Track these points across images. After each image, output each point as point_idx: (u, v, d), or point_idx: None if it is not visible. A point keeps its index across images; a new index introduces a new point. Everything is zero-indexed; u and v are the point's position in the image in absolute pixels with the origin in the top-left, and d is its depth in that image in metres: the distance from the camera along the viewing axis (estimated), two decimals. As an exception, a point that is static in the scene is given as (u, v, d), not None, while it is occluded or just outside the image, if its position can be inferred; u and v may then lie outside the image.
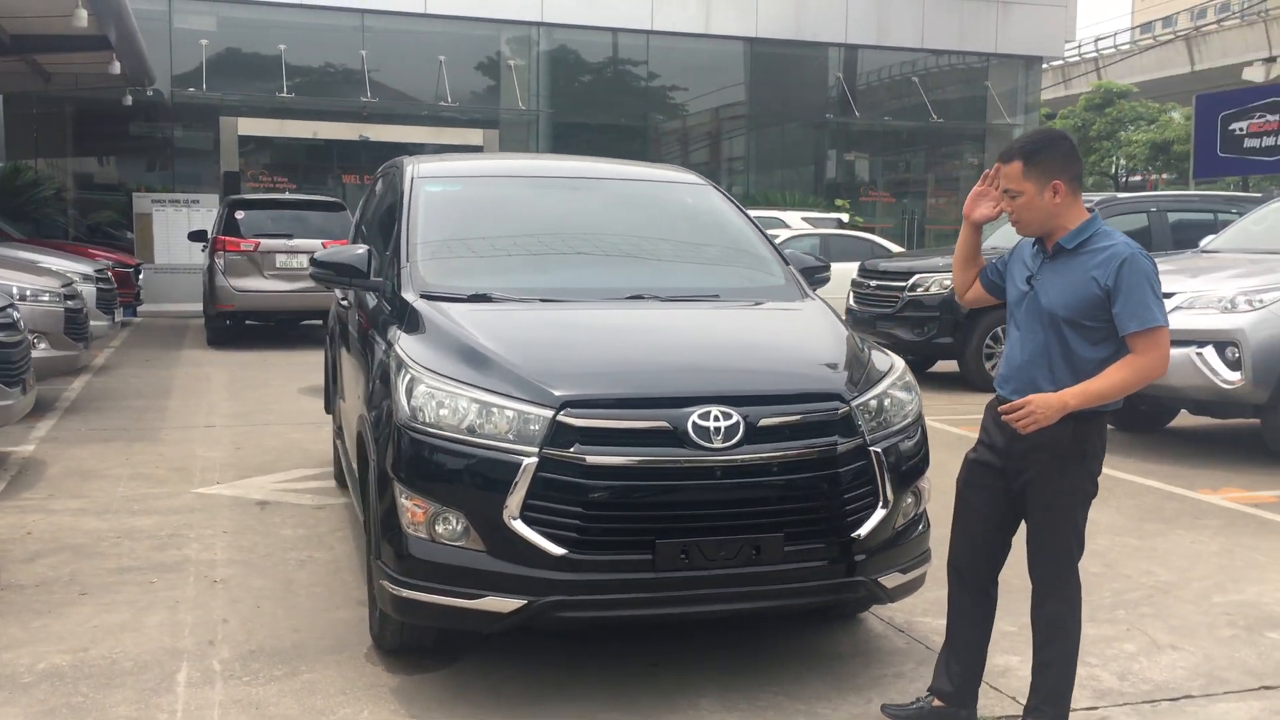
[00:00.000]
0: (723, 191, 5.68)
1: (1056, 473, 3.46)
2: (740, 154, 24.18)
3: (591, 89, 24.02)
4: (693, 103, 24.66)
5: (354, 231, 7.26)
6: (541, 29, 22.53)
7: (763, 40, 23.76)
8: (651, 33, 22.94)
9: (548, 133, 23.27)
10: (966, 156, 26.32)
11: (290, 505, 6.65)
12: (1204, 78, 52.23)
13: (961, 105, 25.72)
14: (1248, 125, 21.46)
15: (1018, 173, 3.49)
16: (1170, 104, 49.24)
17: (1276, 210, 9.74)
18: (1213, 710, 3.93)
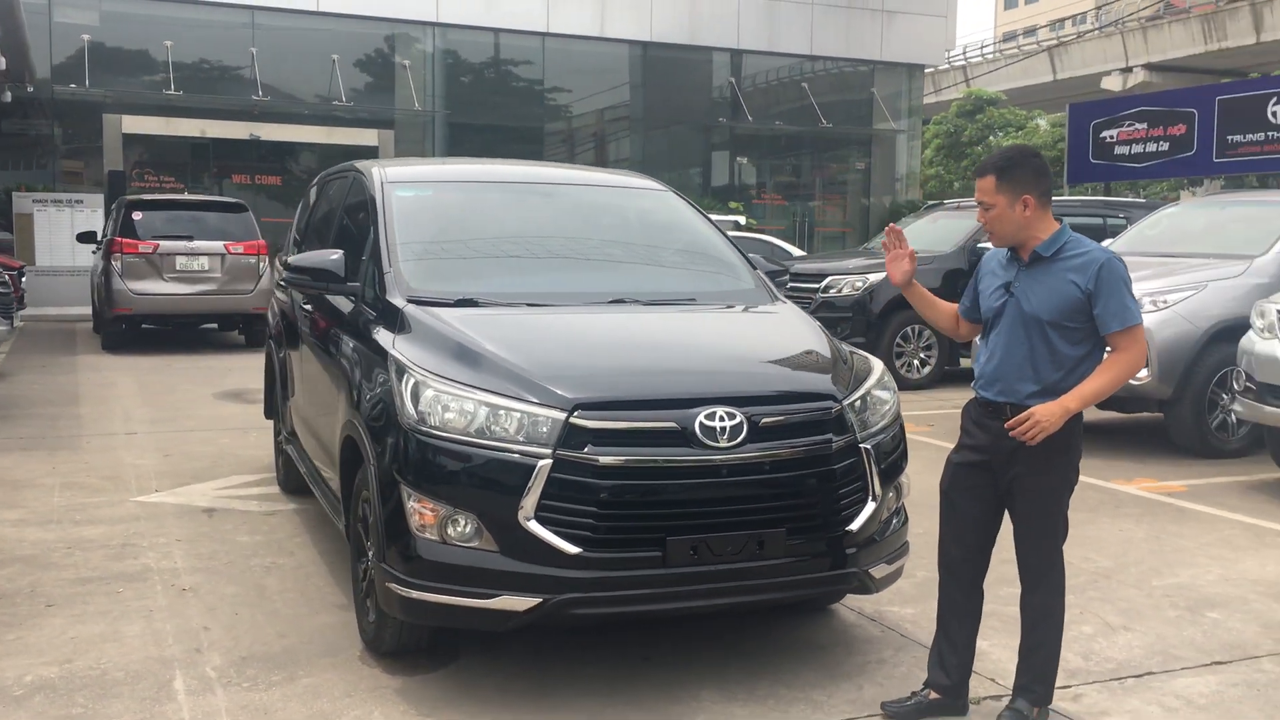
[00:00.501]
0: (683, 197, 5.83)
1: (1044, 466, 3.69)
2: (633, 156, 24.37)
3: (487, 90, 23.96)
4: (588, 104, 24.79)
5: (297, 235, 7.21)
6: (436, 29, 22.40)
7: (656, 44, 24.02)
8: (547, 35, 22.99)
9: (443, 133, 23.15)
10: (853, 161, 26.99)
11: (238, 512, 6.58)
12: (1065, 86, 54.41)
13: (848, 110, 26.37)
14: (1118, 133, 22.47)
15: (991, 186, 3.73)
16: (1036, 111, 51.18)
17: (1169, 216, 10.31)
18: (1175, 685, 4.23)
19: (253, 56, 21.13)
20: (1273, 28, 45.11)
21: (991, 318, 3.83)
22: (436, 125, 23.01)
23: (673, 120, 25.07)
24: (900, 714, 3.90)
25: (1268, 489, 7.46)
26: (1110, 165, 22.63)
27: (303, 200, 7.50)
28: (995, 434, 3.75)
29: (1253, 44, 45.77)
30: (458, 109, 23.28)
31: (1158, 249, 9.55)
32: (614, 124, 25.11)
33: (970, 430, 3.88)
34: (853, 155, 27.05)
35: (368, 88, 22.26)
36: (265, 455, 8.07)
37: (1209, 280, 8.49)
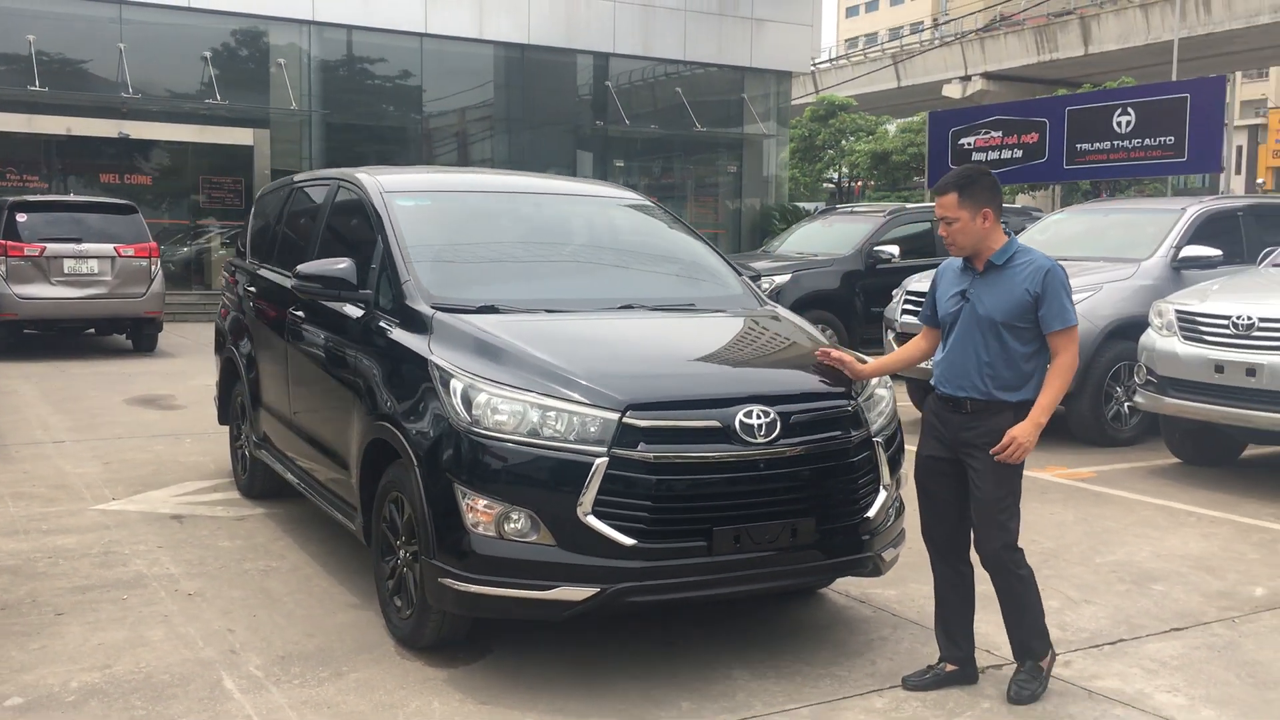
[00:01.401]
0: (664, 208, 6.13)
1: None
2: (511, 156, 24.47)
3: (365, 90, 23.72)
4: (466, 105, 24.76)
5: (257, 241, 7.23)
6: (313, 27, 22.08)
7: (534, 47, 24.16)
8: (425, 35, 22.89)
9: (320, 133, 22.84)
10: (724, 163, 27.63)
11: (208, 518, 6.60)
12: (910, 93, 56.64)
13: (720, 115, 26.97)
14: (975, 140, 23.59)
15: (954, 202, 4.16)
16: (885, 116, 52.97)
17: (1057, 222, 11.06)
18: (1146, 649, 4.71)
19: (121, 53, 20.48)
20: (1100, 40, 47.86)
21: (950, 322, 4.25)
22: (313, 125, 22.69)
23: (549, 121, 25.26)
24: (919, 685, 4.27)
25: (1166, 473, 8.16)
26: (969, 171, 23.73)
27: (259, 207, 7.51)
28: (954, 426, 4.20)
29: (1081, 55, 48.47)
30: (335, 108, 23.00)
31: (1050, 253, 10.21)
32: (491, 124, 25.16)
33: (932, 424, 4.31)
34: (724, 158, 27.70)
35: (242, 86, 21.79)
36: (209, 462, 8.05)
37: (1104, 282, 9.19)
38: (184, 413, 10.18)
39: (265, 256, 6.81)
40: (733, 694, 4.21)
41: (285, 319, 6.00)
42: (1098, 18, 48.77)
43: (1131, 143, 20.62)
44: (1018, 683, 4.15)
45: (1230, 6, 43.64)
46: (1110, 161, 21.14)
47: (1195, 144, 19.72)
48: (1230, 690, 4.30)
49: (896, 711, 4.10)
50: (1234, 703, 4.19)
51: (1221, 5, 43.86)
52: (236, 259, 7.53)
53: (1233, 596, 5.42)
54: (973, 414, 4.14)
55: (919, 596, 5.31)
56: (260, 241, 7.10)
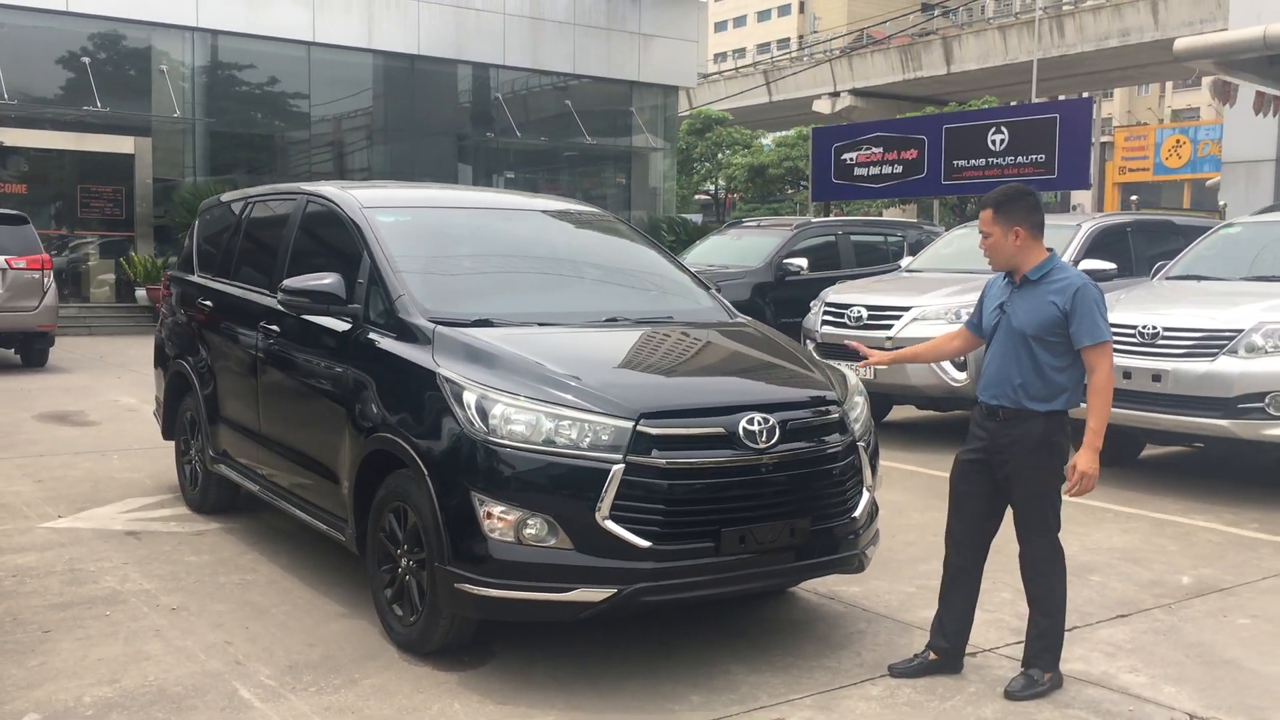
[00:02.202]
0: (627, 223, 6.34)
1: (1031, 463, 4.40)
2: (399, 166, 24.35)
3: (251, 98, 23.31)
4: (354, 114, 24.53)
5: (203, 255, 7.19)
6: (197, 34, 21.64)
7: (424, 57, 24.11)
8: (313, 44, 22.65)
9: (204, 141, 22.38)
10: (613, 175, 27.95)
11: (165, 534, 6.55)
12: (781, 107, 57.95)
13: (609, 127, 27.30)
14: (857, 156, 24.35)
15: (990, 218, 4.48)
16: (760, 130, 54.07)
17: (960, 236, 11.61)
18: (1100, 635, 5.10)
19: (-7, 57, 19.80)
20: (961, 60, 49.71)
21: (991, 333, 4.55)
22: (197, 133, 22.22)
23: (439, 131, 25.22)
24: (906, 672, 4.56)
25: (1076, 474, 8.67)
26: (851, 185, 24.49)
27: (204, 221, 7.47)
28: (991, 433, 4.47)
29: (944, 74, 50.28)
30: (219, 116, 22.57)
31: (957, 266, 10.77)
32: (379, 133, 24.98)
33: (974, 430, 4.59)
34: (612, 170, 28.03)
35: (123, 93, 21.21)
36: (146, 478, 7.96)
37: (1012, 294, 9.70)
38: (101, 429, 9.97)
39: (221, 271, 6.79)
40: (736, 687, 4.44)
41: (255, 333, 6.01)
42: (959, 38, 50.69)
43: (1005, 160, 21.53)
44: (1020, 680, 4.42)
45: (1082, 30, 45.81)
46: (986, 177, 22.03)
47: (1064, 161, 20.71)
48: (1184, 669, 4.70)
49: (892, 698, 4.38)
50: (1189, 680, 4.58)
51: (1074, 29, 46.02)
52: (180, 272, 7.47)
53: (1163, 585, 5.87)
54: (1005, 421, 4.41)
55: (883, 592, 5.64)
56: (211, 255, 7.06)
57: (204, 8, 21.39)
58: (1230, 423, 7.62)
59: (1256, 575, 6.06)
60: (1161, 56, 46.21)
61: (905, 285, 10.35)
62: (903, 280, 10.72)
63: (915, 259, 11.52)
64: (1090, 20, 45.77)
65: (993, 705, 4.32)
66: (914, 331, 9.56)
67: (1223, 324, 7.79)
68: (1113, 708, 4.30)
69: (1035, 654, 4.51)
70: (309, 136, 24.00)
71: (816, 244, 12.85)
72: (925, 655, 4.63)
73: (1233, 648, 4.95)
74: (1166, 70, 54.45)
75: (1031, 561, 4.53)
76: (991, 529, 4.60)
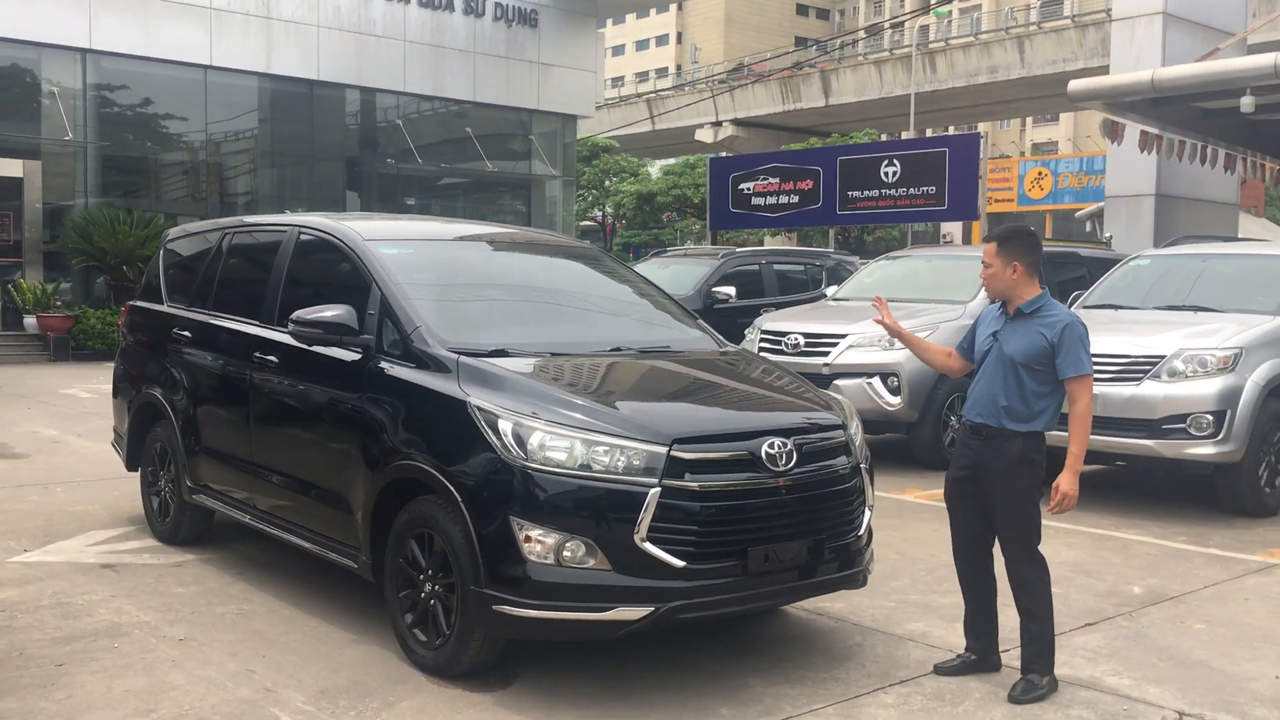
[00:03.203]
0: (610, 254, 6.54)
1: (1011, 477, 4.78)
2: (297, 192, 24.09)
3: (145, 121, 22.76)
4: (253, 139, 24.15)
5: (172, 285, 7.15)
6: (90, 56, 21.09)
7: (324, 83, 23.92)
8: (210, 68, 22.28)
9: (96, 165, 21.79)
10: (514, 203, 28.06)
11: (142, 566, 6.49)
12: (664, 136, 58.78)
13: (509, 155, 27.43)
14: (754, 185, 24.96)
15: (993, 251, 4.85)
16: (646, 159, 54.74)
17: (881, 267, 12.10)
18: (1076, 642, 5.46)
19: (-126, 75, 19.03)
20: (839, 93, 51.16)
21: (981, 357, 4.92)
22: (89, 156, 21.63)
23: (339, 157, 25.03)
24: (950, 671, 4.91)
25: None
26: (748, 214, 25.07)
27: (171, 252, 7.42)
28: (975, 450, 4.85)
29: (823, 106, 51.67)
30: (113, 140, 22.02)
31: (880, 294, 11.20)
32: (279, 158, 24.64)
33: (960, 450, 4.95)
34: (512, 197, 28.13)
35: (11, 116, 20.55)
36: (101, 510, 7.85)
37: (940, 322, 10.18)
38: (33, 461, 9.73)
39: (198, 301, 6.76)
40: (759, 699, 4.66)
41: (245, 363, 6.03)
42: (836, 72, 52.18)
43: (897, 191, 22.33)
44: (1024, 682, 4.73)
45: (953, 66, 47.59)
46: (879, 208, 22.84)
47: (954, 194, 21.57)
48: (1160, 671, 5.09)
49: (906, 705, 4.65)
50: (1169, 681, 4.96)
51: (945, 65, 47.79)
52: (145, 302, 7.40)
53: (1119, 595, 6.29)
54: (988, 439, 4.78)
55: (865, 608, 5.92)
56: (183, 286, 7.03)
57: (97, 30, 20.89)
58: (1155, 442, 8.15)
59: (1198, 584, 6.52)
60: (1026, 93, 48.57)
61: (837, 314, 10.76)
62: (833, 309, 11.13)
63: (840, 288, 11.96)
64: (961, 57, 47.60)
65: (1000, 709, 4.62)
66: (850, 358, 9.97)
67: (1146, 350, 8.34)
68: (1108, 708, 4.65)
69: (1031, 659, 4.83)
70: (205, 160, 23.56)
71: (742, 272, 13.23)
72: (968, 656, 4.98)
73: (1197, 650, 5.37)
74: (1030, 105, 57.03)
75: (1017, 571, 4.86)
76: (992, 537, 4.93)
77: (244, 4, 22.53)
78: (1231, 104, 14.65)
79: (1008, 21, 55.88)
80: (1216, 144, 16.73)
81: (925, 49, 48.82)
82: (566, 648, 5.05)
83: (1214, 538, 7.66)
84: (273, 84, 23.48)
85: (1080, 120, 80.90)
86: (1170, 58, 16.75)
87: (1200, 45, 17.29)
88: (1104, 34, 42.19)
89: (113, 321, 19.97)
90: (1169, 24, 17.24)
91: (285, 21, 23.16)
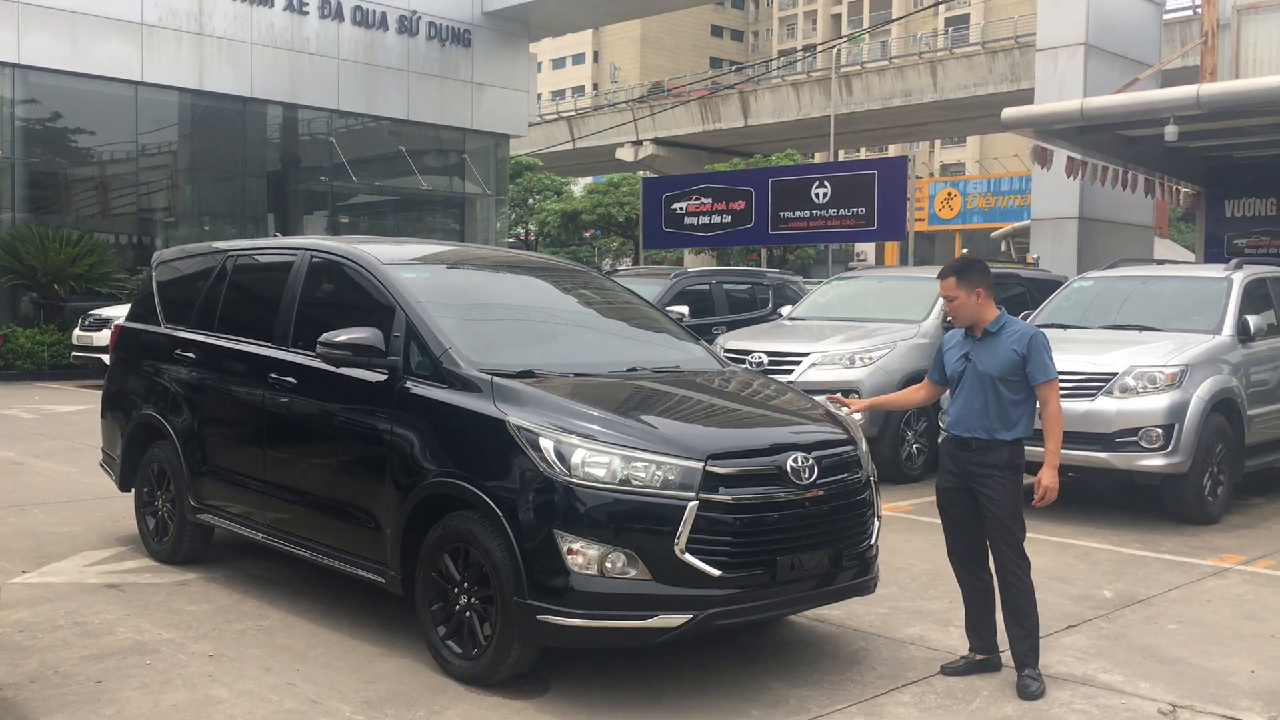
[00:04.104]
0: (607, 275, 6.78)
1: (1000, 482, 5.15)
2: (231, 210, 23.90)
3: (75, 137, 22.40)
4: (185, 156, 23.83)
5: (169, 307, 7.21)
6: (18, 71, 20.72)
7: (257, 100, 23.77)
8: (141, 84, 22.01)
9: (24, 180, 21.40)
10: (448, 221, 28.10)
11: (148, 585, 6.54)
12: (585, 154, 59.07)
13: (444, 174, 27.48)
14: (687, 205, 25.37)
15: (954, 284, 5.22)
16: (570, 177, 54.93)
17: (834, 287, 12.51)
18: (1064, 642, 5.82)
19: None
20: (758, 114, 51.94)
21: (956, 379, 5.28)
22: (15, 173, 21.22)
23: (273, 175, 24.87)
24: (956, 671, 5.23)
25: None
26: (681, 233, 25.47)
27: (167, 273, 7.47)
28: (964, 461, 5.22)
29: (742, 127, 52.40)
30: (41, 156, 21.65)
31: (836, 314, 11.64)
32: (211, 174, 24.39)
33: (946, 461, 5.30)
34: (448, 216, 28.17)
35: (-64, 130, 20.17)
36: (86, 531, 7.86)
37: (896, 340, 10.61)
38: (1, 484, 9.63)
39: (200, 324, 6.83)
40: (785, 701, 4.93)
41: (259, 384, 6.14)
42: (755, 93, 53.01)
43: (828, 212, 22.89)
44: (1024, 680, 5.07)
45: (869, 90, 48.64)
46: (810, 228, 23.40)
47: (883, 215, 22.18)
48: (1146, 668, 5.46)
49: (922, 703, 4.96)
50: (1155, 676, 5.34)
51: (861, 88, 48.81)
52: (140, 324, 7.43)
53: (1092, 599, 6.68)
54: (977, 450, 5.13)
55: (860, 615, 6.21)
56: (183, 308, 7.08)
57: (26, 44, 20.56)
58: (1109, 455, 8.62)
59: (1162, 588, 6.95)
60: (939, 116, 49.86)
61: (797, 333, 11.11)
62: (791, 328, 11.48)
63: (795, 308, 12.33)
64: (876, 80, 48.66)
65: (1011, 705, 4.94)
66: (812, 376, 10.30)
67: (1098, 368, 8.82)
68: (1107, 702, 5.00)
69: (1025, 654, 5.17)
70: (136, 176, 23.25)
71: (693, 291, 13.53)
72: (972, 656, 5.31)
73: (1176, 649, 5.76)
74: (942, 128, 58.57)
75: (1005, 567, 5.19)
76: (983, 539, 5.27)
77: (176, 20, 22.32)
78: (1151, 132, 15.41)
79: (920, 46, 57.40)
80: (1136, 169, 17.55)
81: (839, 73, 49.82)
82: (593, 656, 5.25)
83: (1166, 544, 8.12)
84: (205, 101, 23.27)
85: (986, 143, 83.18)
86: (1092, 87, 17.50)
87: (1119, 75, 18.10)
88: (1012, 60, 43.61)
89: (43, 341, 19.63)
90: (1090, 54, 18.01)
91: (218, 38, 23.00)
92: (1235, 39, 18.10)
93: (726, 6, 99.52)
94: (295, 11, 24.03)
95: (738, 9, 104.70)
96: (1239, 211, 18.63)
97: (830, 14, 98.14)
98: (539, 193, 47.28)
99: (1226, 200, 18.70)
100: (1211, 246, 18.86)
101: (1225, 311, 9.49)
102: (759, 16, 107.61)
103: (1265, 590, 6.94)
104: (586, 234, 47.94)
